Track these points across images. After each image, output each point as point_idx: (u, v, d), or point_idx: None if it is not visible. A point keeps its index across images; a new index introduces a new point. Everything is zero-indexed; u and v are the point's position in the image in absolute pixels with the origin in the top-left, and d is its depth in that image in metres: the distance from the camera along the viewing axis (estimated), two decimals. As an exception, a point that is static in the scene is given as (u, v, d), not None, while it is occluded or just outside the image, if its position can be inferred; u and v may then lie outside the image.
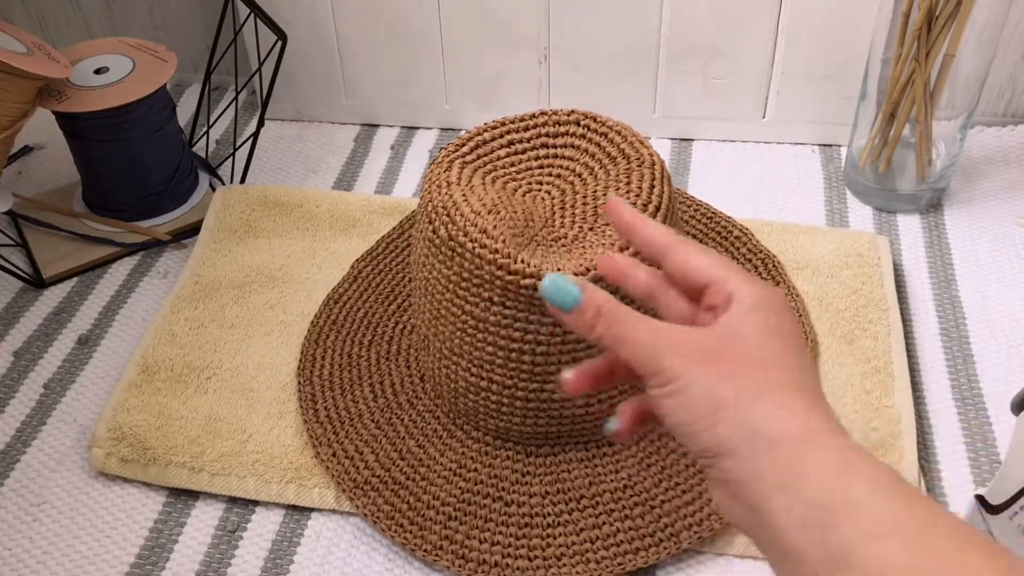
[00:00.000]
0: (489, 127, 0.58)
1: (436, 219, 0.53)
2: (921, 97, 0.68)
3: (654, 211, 0.52)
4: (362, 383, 0.61)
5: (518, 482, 0.56)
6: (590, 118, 0.58)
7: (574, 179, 0.56)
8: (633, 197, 0.53)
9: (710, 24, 0.78)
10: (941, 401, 0.61)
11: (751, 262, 0.67)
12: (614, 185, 0.54)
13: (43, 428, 0.62)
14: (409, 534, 0.54)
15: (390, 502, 0.55)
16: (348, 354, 0.63)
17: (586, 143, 0.57)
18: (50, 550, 0.55)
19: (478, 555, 0.53)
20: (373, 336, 0.64)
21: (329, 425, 0.59)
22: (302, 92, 0.88)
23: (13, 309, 0.71)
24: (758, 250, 0.68)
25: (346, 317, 0.66)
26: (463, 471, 0.56)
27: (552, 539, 0.53)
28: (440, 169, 0.56)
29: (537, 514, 0.54)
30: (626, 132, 0.57)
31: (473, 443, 0.58)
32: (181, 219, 0.77)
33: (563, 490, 0.55)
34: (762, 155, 0.83)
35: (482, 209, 0.52)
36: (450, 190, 0.54)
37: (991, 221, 0.74)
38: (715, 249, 0.69)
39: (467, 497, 0.55)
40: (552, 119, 0.58)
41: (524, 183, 0.57)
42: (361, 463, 0.57)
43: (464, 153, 0.57)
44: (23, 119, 0.68)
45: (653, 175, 0.54)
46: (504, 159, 0.58)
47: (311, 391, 0.61)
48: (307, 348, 0.63)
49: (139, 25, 0.94)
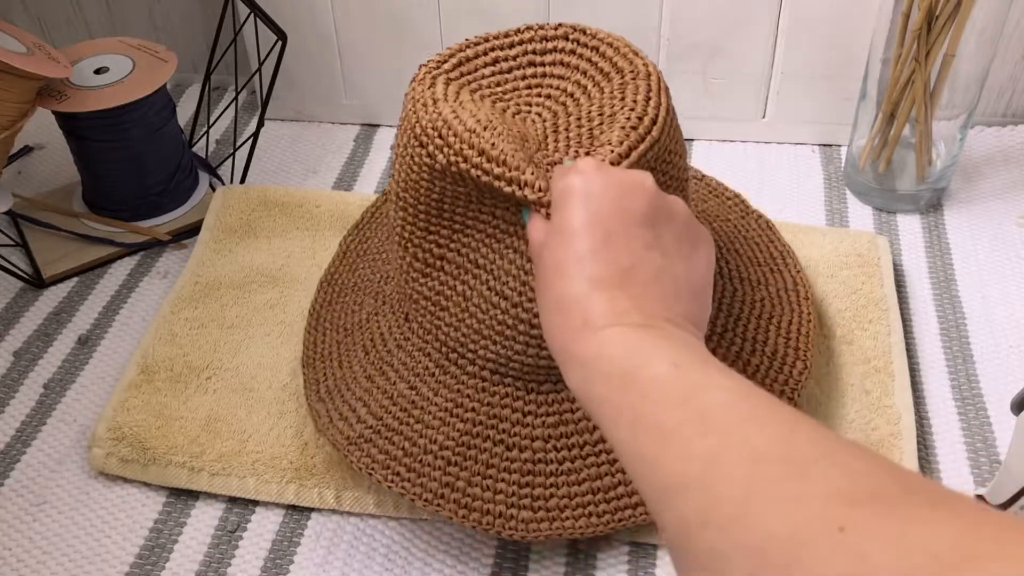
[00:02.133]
0: (472, 43, 0.54)
1: (429, 142, 0.49)
2: (921, 97, 0.68)
3: (650, 123, 0.49)
4: (355, 346, 0.59)
5: (519, 423, 0.53)
6: (579, 31, 0.54)
7: (566, 99, 0.53)
8: (628, 111, 0.49)
9: (710, 24, 0.78)
10: (941, 401, 0.61)
11: (744, 219, 0.66)
12: (608, 102, 0.51)
13: (43, 428, 0.62)
14: (407, 482, 0.52)
15: (384, 451, 0.53)
16: (343, 326, 0.62)
17: (576, 59, 0.53)
18: (50, 550, 0.55)
19: (481, 504, 0.51)
20: (363, 298, 0.62)
21: (328, 399, 0.57)
22: (302, 92, 0.88)
23: (13, 309, 0.71)
24: (750, 210, 0.67)
25: (338, 293, 0.64)
26: (460, 411, 0.53)
27: (555, 488, 0.52)
28: (423, 86, 0.52)
29: (540, 460, 0.52)
30: (618, 44, 0.53)
31: (469, 379, 0.54)
32: (181, 219, 0.77)
33: (566, 434, 0.53)
34: (762, 155, 0.83)
35: (477, 126, 0.48)
36: (437, 107, 0.50)
37: (991, 221, 0.74)
38: (706, 200, 0.67)
39: (466, 440, 0.53)
40: (539, 34, 0.54)
41: (512, 104, 0.53)
42: (354, 418, 0.55)
43: (447, 70, 0.54)
44: (23, 119, 0.68)
45: (649, 87, 0.50)
46: (489, 78, 0.54)
47: (314, 375, 0.60)
48: (308, 336, 0.63)
49: (139, 25, 0.94)
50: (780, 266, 0.62)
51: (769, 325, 0.58)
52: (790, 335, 0.58)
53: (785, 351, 0.57)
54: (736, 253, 0.63)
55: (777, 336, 0.57)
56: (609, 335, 0.37)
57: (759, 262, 0.62)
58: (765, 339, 0.57)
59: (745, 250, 0.63)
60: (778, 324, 0.58)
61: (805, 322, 0.58)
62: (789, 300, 0.60)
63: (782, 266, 0.62)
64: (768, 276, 0.61)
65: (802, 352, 0.57)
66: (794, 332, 0.58)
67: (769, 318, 0.58)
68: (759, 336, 0.57)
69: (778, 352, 0.57)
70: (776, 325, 0.58)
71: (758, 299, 0.59)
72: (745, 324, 0.58)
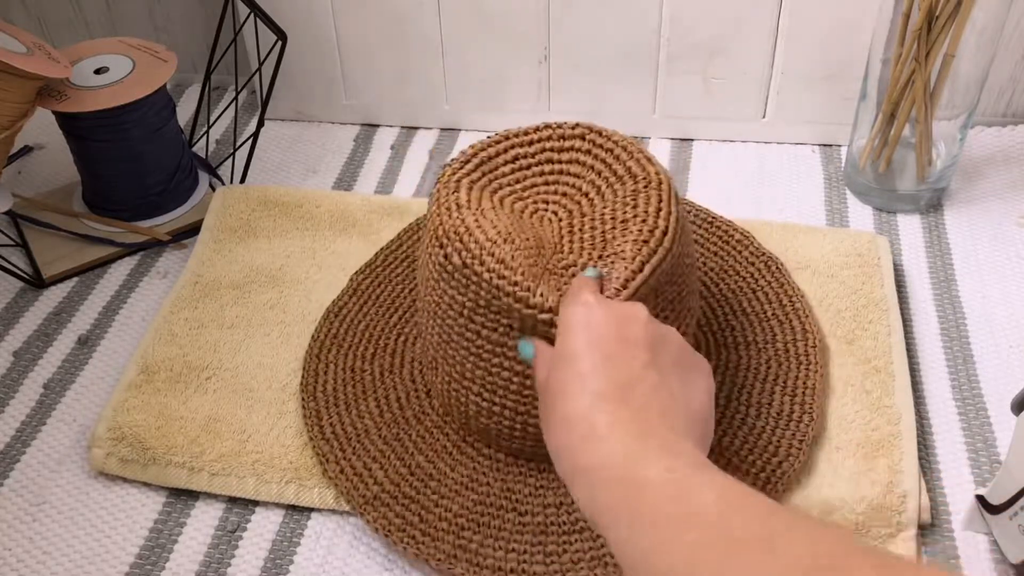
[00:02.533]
0: (493, 141, 0.57)
1: (448, 245, 0.52)
2: (921, 97, 0.68)
3: (661, 235, 0.51)
4: (367, 397, 0.61)
5: (532, 495, 0.55)
6: (595, 132, 0.57)
7: (581, 199, 0.55)
8: (639, 222, 0.52)
9: (710, 24, 0.78)
10: (941, 401, 0.61)
11: (754, 265, 0.67)
12: (621, 208, 0.53)
13: (43, 428, 0.62)
14: (422, 545, 0.53)
15: (401, 516, 0.54)
16: (351, 368, 0.63)
17: (591, 159, 0.56)
18: (50, 550, 0.55)
19: (493, 562, 0.52)
20: (375, 349, 0.64)
21: (335, 442, 0.58)
22: (302, 92, 0.88)
23: (13, 309, 0.71)
24: (760, 252, 0.68)
25: (347, 331, 0.65)
26: (475, 485, 0.56)
27: (569, 545, 0.53)
28: (448, 190, 0.55)
29: (552, 523, 0.54)
30: (632, 148, 0.56)
31: (484, 459, 0.57)
32: (181, 219, 0.77)
33: None
34: (762, 155, 0.83)
35: (497, 237, 0.51)
36: (461, 214, 0.53)
37: (991, 221, 0.74)
38: (717, 253, 0.69)
39: (480, 509, 0.55)
40: (556, 132, 0.57)
41: (530, 201, 0.56)
42: (370, 479, 0.56)
43: (470, 171, 0.56)
44: (23, 119, 0.68)
45: (660, 196, 0.53)
46: (509, 175, 0.57)
47: (315, 407, 0.60)
48: (309, 363, 0.63)
49: (139, 25, 0.94)
50: (789, 314, 0.64)
51: (775, 387, 0.59)
52: (796, 392, 0.59)
53: (791, 408, 0.58)
54: (744, 313, 0.64)
55: (783, 396, 0.59)
56: (612, 445, 0.39)
57: (767, 316, 0.64)
58: (770, 401, 0.59)
59: (753, 306, 0.65)
60: (784, 383, 0.60)
61: (813, 374, 0.60)
62: (796, 353, 0.61)
63: (791, 313, 0.64)
64: (776, 330, 0.63)
65: (808, 406, 0.58)
66: (800, 388, 0.59)
67: (775, 379, 0.60)
68: (764, 399, 0.59)
69: (784, 411, 0.58)
70: (782, 385, 0.59)
71: (763, 361, 0.61)
72: (750, 391, 0.59)
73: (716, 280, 0.67)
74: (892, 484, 0.54)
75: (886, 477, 0.54)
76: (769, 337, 0.62)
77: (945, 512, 0.55)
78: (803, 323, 0.63)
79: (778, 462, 0.55)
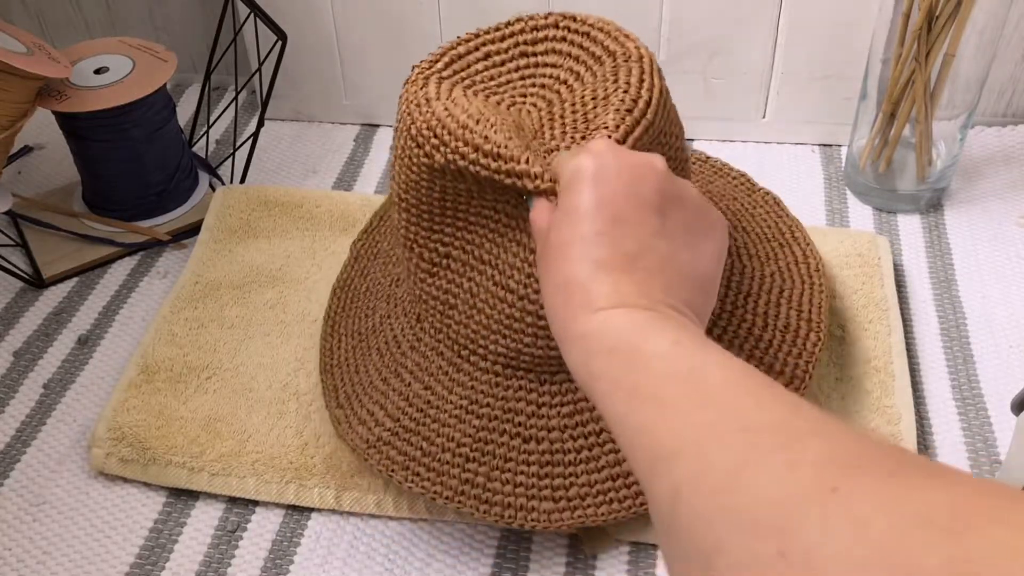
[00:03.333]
0: (463, 40, 0.55)
1: (424, 141, 0.49)
2: (921, 97, 0.68)
3: (644, 106, 0.48)
4: (369, 350, 0.60)
5: (534, 415, 0.53)
6: (569, 18, 0.54)
7: (560, 87, 0.52)
8: (622, 94, 0.49)
9: (710, 24, 0.78)
10: (941, 401, 0.61)
11: (750, 197, 0.66)
12: (602, 86, 0.51)
13: (43, 428, 0.62)
14: (427, 482, 0.52)
15: (403, 452, 0.53)
16: (357, 331, 0.62)
17: (568, 46, 0.53)
18: (50, 550, 0.55)
19: (502, 498, 0.51)
20: (375, 302, 0.63)
21: (347, 404, 0.57)
22: (302, 92, 0.88)
23: (13, 309, 0.71)
24: (757, 188, 0.67)
25: (352, 299, 0.64)
26: (475, 407, 0.54)
27: (575, 477, 0.52)
28: (416, 87, 0.52)
29: (557, 451, 0.52)
30: (609, 28, 0.53)
31: (482, 375, 0.54)
32: (181, 219, 0.77)
33: (581, 423, 0.53)
34: (762, 155, 0.83)
35: (469, 121, 0.48)
36: (431, 106, 0.50)
37: (991, 221, 0.74)
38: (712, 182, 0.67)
39: (483, 436, 0.53)
40: (529, 24, 0.54)
41: (506, 95, 0.53)
42: (372, 422, 0.55)
43: (439, 69, 0.54)
44: (23, 119, 0.68)
45: (642, 69, 0.50)
46: (483, 72, 0.54)
47: (332, 381, 0.60)
48: (324, 343, 0.63)
49: (139, 25, 0.94)
50: (789, 240, 0.62)
51: (780, 299, 0.57)
52: (802, 308, 0.57)
53: (798, 324, 0.56)
54: (744, 231, 0.62)
55: (789, 309, 0.57)
56: (611, 314, 0.37)
57: (767, 238, 0.62)
58: (776, 313, 0.57)
59: (753, 227, 0.63)
60: (789, 297, 0.58)
61: (817, 293, 0.58)
62: (800, 273, 0.59)
63: (791, 240, 0.62)
64: (777, 251, 0.61)
65: (815, 323, 0.56)
66: (806, 304, 0.57)
67: (780, 292, 0.58)
68: (770, 311, 0.57)
69: (791, 325, 0.56)
70: (787, 299, 0.58)
71: (768, 274, 0.59)
72: (756, 300, 0.57)
73: (715, 200, 0.64)
74: (892, 484, 0.54)
75: (886, 477, 0.54)
76: (771, 255, 0.60)
77: (945, 512, 0.55)
78: (803, 249, 0.61)
79: (784, 383, 0.53)
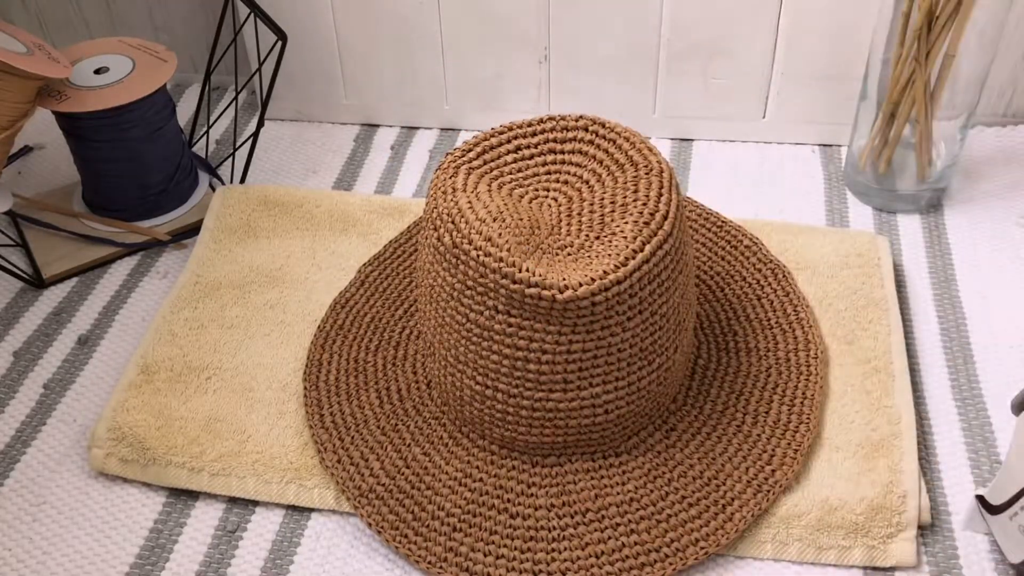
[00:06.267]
0: (496, 132, 0.58)
1: (441, 226, 0.53)
2: (921, 97, 0.68)
3: (661, 219, 0.52)
4: (368, 389, 0.61)
5: (523, 493, 0.55)
6: (598, 124, 0.57)
7: (581, 186, 0.56)
8: (640, 206, 0.52)
9: (710, 24, 0.78)
10: (941, 401, 0.61)
11: (760, 272, 0.67)
12: (621, 193, 0.54)
13: (43, 428, 0.62)
14: (414, 545, 0.53)
15: (395, 511, 0.55)
16: (354, 359, 0.63)
17: (594, 149, 0.57)
18: (50, 550, 0.55)
19: (482, 568, 0.52)
20: (380, 341, 0.64)
21: (335, 431, 0.58)
22: (302, 92, 0.88)
23: (13, 309, 0.71)
24: (768, 259, 0.68)
25: (352, 322, 0.65)
26: (468, 480, 0.56)
27: (557, 553, 0.53)
28: (446, 175, 0.55)
29: (543, 527, 0.54)
30: (634, 139, 0.56)
31: (479, 451, 0.57)
32: (181, 219, 0.77)
33: (568, 503, 0.55)
34: (762, 155, 0.83)
35: (487, 216, 0.52)
36: (455, 196, 0.53)
37: (991, 221, 0.74)
38: (724, 258, 0.69)
39: (472, 508, 0.55)
40: (560, 124, 0.58)
41: (531, 189, 0.56)
42: (366, 470, 0.56)
43: (471, 159, 0.57)
44: (23, 119, 0.68)
45: (661, 183, 0.54)
46: (511, 164, 0.57)
47: (317, 396, 0.60)
48: (313, 353, 0.63)
49: (139, 25, 0.94)
50: (793, 322, 0.64)
51: (773, 395, 0.59)
52: (794, 402, 0.59)
53: (788, 418, 0.58)
54: (747, 319, 0.64)
55: (781, 405, 0.59)
56: None
57: (770, 324, 0.64)
58: (768, 410, 0.59)
59: (757, 313, 0.65)
60: (782, 393, 0.60)
61: (812, 385, 0.60)
62: (798, 363, 0.61)
63: (795, 322, 0.64)
64: (779, 338, 0.63)
65: (805, 416, 0.58)
66: (799, 398, 0.59)
67: (774, 388, 0.60)
68: (761, 408, 0.59)
69: (780, 420, 0.58)
70: (780, 394, 0.59)
71: (763, 369, 0.61)
72: (747, 398, 0.59)
73: (722, 284, 0.67)
74: (892, 484, 0.54)
75: (886, 477, 0.54)
76: (771, 345, 0.62)
77: (945, 512, 0.55)
78: (806, 333, 0.63)
79: (771, 471, 0.55)
